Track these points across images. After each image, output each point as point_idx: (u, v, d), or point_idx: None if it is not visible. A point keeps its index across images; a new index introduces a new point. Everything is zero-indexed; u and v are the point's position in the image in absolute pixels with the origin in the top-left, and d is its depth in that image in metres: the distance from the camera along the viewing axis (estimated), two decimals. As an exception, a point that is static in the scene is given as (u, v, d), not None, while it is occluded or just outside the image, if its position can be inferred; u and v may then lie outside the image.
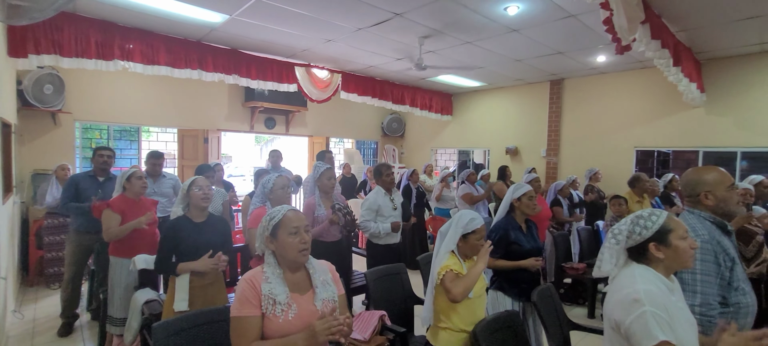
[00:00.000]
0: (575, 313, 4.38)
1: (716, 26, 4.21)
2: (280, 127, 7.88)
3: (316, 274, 1.54)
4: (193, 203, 2.39)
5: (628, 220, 1.43)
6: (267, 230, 1.49)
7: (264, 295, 1.41)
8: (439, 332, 2.04)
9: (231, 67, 5.21)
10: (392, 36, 4.79)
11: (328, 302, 1.51)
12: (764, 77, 5.01)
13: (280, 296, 1.41)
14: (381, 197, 3.53)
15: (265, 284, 1.43)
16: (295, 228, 1.47)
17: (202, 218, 2.42)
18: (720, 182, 1.76)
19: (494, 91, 7.91)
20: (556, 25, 4.30)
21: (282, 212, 1.50)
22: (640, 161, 6.31)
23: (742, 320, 1.72)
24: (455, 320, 1.99)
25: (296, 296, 1.46)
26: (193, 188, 2.38)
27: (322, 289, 1.52)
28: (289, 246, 1.46)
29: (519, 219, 2.63)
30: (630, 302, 1.28)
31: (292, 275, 1.50)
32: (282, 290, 1.43)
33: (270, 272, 1.46)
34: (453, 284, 1.92)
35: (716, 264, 1.67)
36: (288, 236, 1.46)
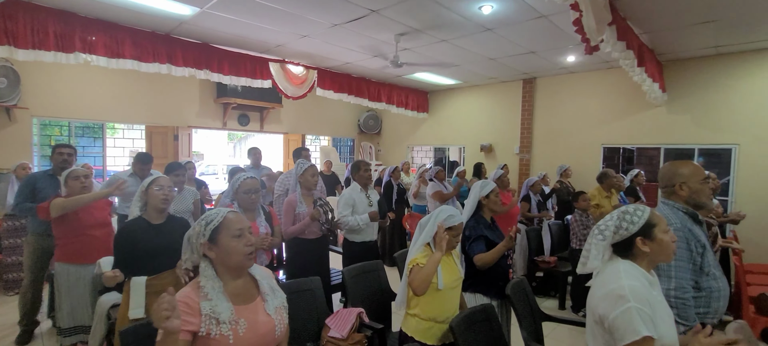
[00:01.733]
0: (547, 305, 4.52)
1: (676, 29, 4.43)
2: (254, 124, 7.71)
3: (263, 280, 1.41)
4: (151, 204, 2.23)
5: (615, 216, 1.46)
6: (203, 235, 1.32)
7: (204, 315, 1.23)
8: (408, 319, 2.11)
9: (202, 62, 5.05)
10: (368, 33, 4.78)
11: (280, 309, 1.40)
12: (719, 79, 5.32)
13: (224, 314, 1.24)
14: (356, 193, 3.54)
15: (204, 302, 1.24)
16: (239, 230, 1.33)
17: (160, 220, 2.27)
18: (694, 174, 1.86)
19: (469, 89, 8.03)
20: (529, 25, 4.41)
21: (221, 214, 1.35)
22: (607, 158, 6.57)
23: (715, 303, 1.80)
24: (423, 308, 2.05)
25: (241, 309, 1.31)
26: (152, 186, 2.22)
27: (272, 296, 1.40)
28: (233, 250, 1.31)
29: (486, 216, 2.66)
30: (615, 297, 1.31)
31: (233, 285, 1.33)
32: (225, 306, 1.26)
33: (209, 286, 1.27)
34: (415, 275, 1.99)
35: (689, 251, 1.76)
36: (231, 240, 1.31)
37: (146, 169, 3.78)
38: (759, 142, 5.08)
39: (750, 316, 3.20)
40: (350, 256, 3.48)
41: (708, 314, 1.77)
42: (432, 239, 2.09)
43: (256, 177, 2.74)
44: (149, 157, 3.86)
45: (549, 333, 3.60)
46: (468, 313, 2.12)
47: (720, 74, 5.31)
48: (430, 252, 2.08)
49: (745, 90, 5.15)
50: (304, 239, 3.13)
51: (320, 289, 2.59)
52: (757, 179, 5.10)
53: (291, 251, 3.22)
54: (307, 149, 4.62)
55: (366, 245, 3.56)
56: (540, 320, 2.70)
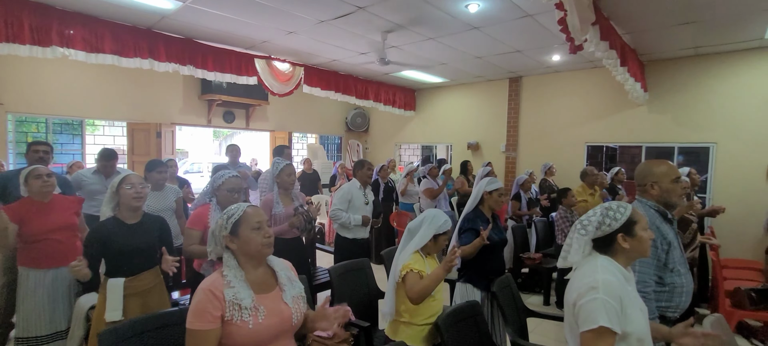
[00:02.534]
0: (532, 301, 4.58)
1: (657, 30, 4.53)
2: (239, 121, 7.61)
3: (281, 272, 1.51)
4: (123, 203, 2.15)
5: (598, 212, 1.48)
6: (225, 228, 1.42)
7: (228, 301, 1.33)
8: (400, 327, 2.07)
9: (185, 58, 4.95)
10: (355, 30, 4.75)
11: (297, 299, 1.49)
12: (698, 79, 5.46)
13: (246, 301, 1.34)
14: (356, 189, 3.60)
15: (228, 289, 1.35)
16: (258, 223, 1.43)
17: (134, 219, 2.20)
18: (666, 174, 1.91)
19: (456, 88, 8.07)
20: (515, 24, 4.44)
21: (241, 208, 1.45)
22: (591, 156, 6.69)
23: (677, 299, 1.87)
24: (415, 317, 2.03)
25: (262, 297, 1.41)
26: (123, 185, 2.14)
27: (289, 286, 1.49)
28: (252, 241, 1.41)
29: (486, 212, 2.69)
30: (588, 288, 1.35)
31: (254, 274, 1.44)
32: (246, 293, 1.37)
33: (232, 275, 1.38)
34: (414, 285, 1.95)
35: (654, 247, 1.81)
36: (251, 232, 1.41)
37: (111, 166, 3.63)
38: (735, 140, 5.23)
39: (726, 309, 3.30)
40: (342, 251, 3.51)
41: (669, 308, 1.83)
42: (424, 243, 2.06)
43: (240, 176, 2.70)
44: (113, 153, 3.68)
45: (534, 329, 3.65)
46: (454, 310, 2.13)
47: (699, 75, 5.45)
48: (419, 258, 2.05)
49: (723, 90, 5.29)
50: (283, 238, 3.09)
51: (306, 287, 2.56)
52: (733, 176, 5.26)
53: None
54: (288, 147, 4.56)
55: (357, 242, 3.59)
56: (525, 316, 2.73)
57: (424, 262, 2.05)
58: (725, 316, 3.26)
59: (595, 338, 1.30)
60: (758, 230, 4.70)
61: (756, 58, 5.05)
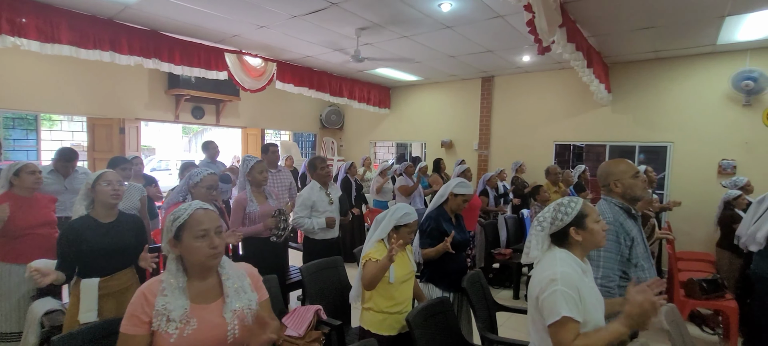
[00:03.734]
0: (503, 295, 4.70)
1: (620, 34, 4.73)
2: (209, 117, 7.38)
3: (229, 281, 1.35)
4: (99, 200, 2.10)
5: (551, 208, 1.56)
6: (170, 231, 1.29)
7: (156, 310, 1.22)
8: (363, 313, 2.18)
9: (150, 50, 4.74)
10: (329, 26, 4.70)
11: (240, 312, 1.33)
12: (657, 81, 5.75)
13: (175, 312, 1.23)
14: (316, 192, 3.41)
15: (160, 297, 1.24)
16: (204, 230, 1.28)
17: (110, 218, 2.14)
18: (626, 172, 2.01)
19: (430, 86, 8.14)
20: (486, 24, 4.53)
21: (189, 210, 1.31)
22: (559, 154, 6.92)
23: None
24: (377, 301, 2.12)
25: (199, 308, 1.28)
26: (100, 182, 2.09)
27: (234, 298, 1.33)
28: (195, 251, 1.27)
29: (449, 212, 2.71)
30: (548, 281, 1.42)
31: (199, 283, 1.32)
32: (179, 303, 1.24)
33: (168, 282, 1.27)
34: (367, 272, 2.04)
35: (617, 243, 1.90)
36: (194, 240, 1.27)
37: (70, 166, 3.48)
38: (690, 140, 5.55)
39: (680, 299, 3.49)
40: (311, 253, 3.40)
41: None
42: (386, 235, 2.13)
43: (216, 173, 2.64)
44: (73, 153, 3.52)
45: (504, 322, 3.75)
46: (424, 306, 2.16)
47: (658, 77, 5.74)
48: (383, 247, 2.12)
49: (679, 92, 5.60)
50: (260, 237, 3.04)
51: (276, 287, 2.53)
52: (688, 174, 5.57)
53: (246, 249, 3.12)
54: (275, 145, 4.41)
55: (327, 242, 3.47)
56: (494, 310, 2.80)
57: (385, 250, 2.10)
58: (679, 305, 3.46)
59: (560, 328, 1.37)
60: (710, 224, 4.99)
61: (709, 62, 5.37)
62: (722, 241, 4.02)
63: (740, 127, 5.19)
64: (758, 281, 3.23)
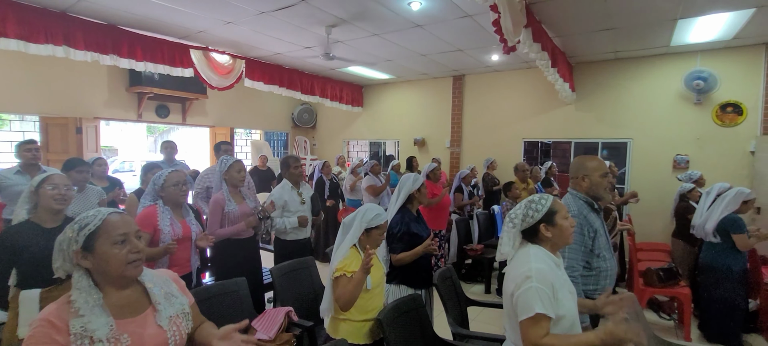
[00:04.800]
0: (475, 290, 4.79)
1: (582, 35, 4.91)
2: (175, 116, 7.11)
3: (155, 288, 1.23)
4: (43, 205, 1.98)
5: (522, 205, 1.58)
6: (76, 242, 1.12)
7: (74, 334, 1.04)
8: (339, 324, 2.05)
9: (108, 46, 4.51)
10: (298, 23, 4.63)
11: (177, 318, 1.24)
12: (618, 81, 6.01)
13: (100, 331, 1.07)
14: (287, 191, 3.37)
15: (75, 319, 1.06)
16: (122, 235, 1.14)
17: (55, 223, 2.01)
18: (597, 169, 2.09)
19: (403, 84, 8.18)
20: (455, 24, 4.59)
21: (99, 216, 1.15)
22: (527, 151, 7.12)
23: (603, 281, 2.05)
24: (354, 312, 2.01)
25: (126, 323, 1.14)
26: (45, 185, 1.97)
27: (166, 304, 1.23)
28: (113, 259, 1.13)
29: (413, 210, 2.69)
30: (523, 278, 1.44)
31: (117, 296, 1.16)
32: (101, 321, 1.08)
33: (81, 300, 1.09)
34: (343, 292, 1.92)
35: (581, 235, 1.98)
36: (112, 247, 1.12)
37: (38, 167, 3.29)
38: (648, 137, 5.84)
39: (639, 288, 3.68)
40: (282, 254, 3.35)
41: (596, 290, 2.01)
42: (357, 240, 2.06)
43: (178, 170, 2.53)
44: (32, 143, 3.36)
45: (475, 317, 3.82)
46: (395, 305, 2.16)
47: (618, 76, 6.01)
48: (356, 254, 2.04)
49: (638, 91, 5.88)
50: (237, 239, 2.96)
51: (246, 289, 2.47)
52: (646, 169, 5.87)
53: (218, 251, 3.03)
54: (228, 143, 4.32)
55: (299, 243, 3.44)
56: (465, 305, 2.84)
57: (360, 258, 2.03)
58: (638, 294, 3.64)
59: (533, 324, 1.39)
60: (667, 215, 5.29)
61: (664, 63, 5.67)
62: (677, 231, 4.27)
63: (693, 124, 5.52)
64: (706, 268, 3.45)
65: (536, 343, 1.39)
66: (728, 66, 5.25)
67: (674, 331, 3.73)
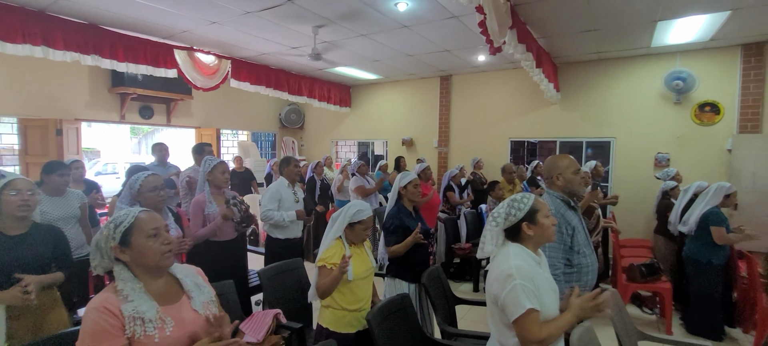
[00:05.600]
0: (463, 288, 4.83)
1: (566, 36, 5.00)
2: (159, 117, 6.99)
3: (186, 278, 1.38)
4: (5, 212, 1.90)
5: (505, 204, 1.60)
6: (113, 239, 1.25)
7: (128, 316, 1.18)
8: (323, 311, 2.18)
9: (89, 46, 4.41)
10: (285, 23, 4.60)
11: (208, 305, 1.38)
12: (601, 80, 6.13)
13: (149, 313, 1.21)
14: (284, 188, 3.49)
15: (126, 304, 1.20)
16: (154, 229, 1.28)
17: (19, 230, 1.94)
18: (568, 167, 2.14)
19: (391, 85, 8.19)
20: (442, 25, 4.62)
21: (132, 213, 1.29)
22: (514, 150, 7.21)
23: (585, 277, 2.09)
24: (337, 299, 2.12)
25: (167, 309, 1.27)
26: (7, 191, 1.89)
27: (197, 293, 1.37)
28: (149, 251, 1.26)
29: (408, 206, 2.77)
30: (505, 277, 1.46)
31: (155, 285, 1.30)
32: (149, 305, 1.22)
33: (128, 288, 1.23)
34: (321, 282, 2.06)
35: (560, 233, 2.02)
36: (147, 240, 1.26)
37: None
38: (631, 136, 5.98)
39: (622, 284, 3.76)
40: (273, 253, 3.40)
41: (579, 286, 2.04)
42: (343, 232, 2.15)
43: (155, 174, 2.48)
44: None
45: (463, 315, 3.86)
46: (384, 304, 2.18)
47: (601, 77, 6.13)
48: (340, 246, 2.13)
49: (620, 91, 6.01)
50: (216, 241, 2.93)
51: (233, 293, 2.45)
52: (629, 167, 6.00)
53: (202, 254, 2.99)
54: (209, 145, 4.30)
55: (290, 242, 3.50)
56: (454, 303, 2.87)
57: (343, 250, 2.12)
58: (622, 289, 3.72)
59: (526, 320, 1.42)
60: (649, 212, 5.42)
61: (645, 63, 5.81)
62: (659, 228, 4.37)
63: (673, 123, 5.66)
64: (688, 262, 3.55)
65: (536, 335, 1.41)
66: (706, 66, 5.41)
67: (656, 325, 3.83)
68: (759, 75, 5.11)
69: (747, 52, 5.16)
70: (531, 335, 1.42)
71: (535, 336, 1.41)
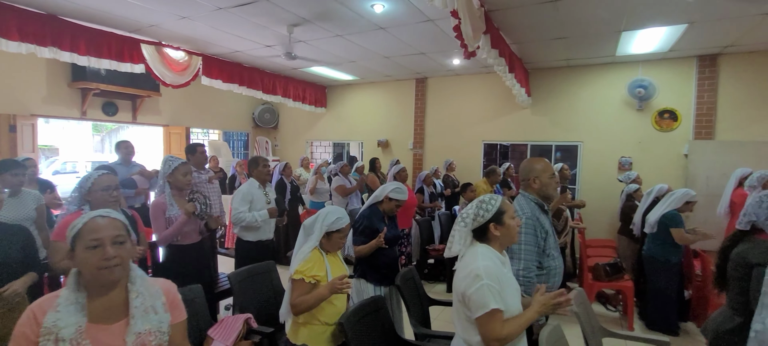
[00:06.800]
0: (437, 289, 4.88)
1: (537, 42, 5.15)
2: (124, 114, 6.68)
3: (137, 299, 1.22)
4: None
5: (474, 205, 1.64)
6: (69, 241, 1.19)
7: (45, 327, 1.09)
8: (300, 329, 2.02)
9: (47, 38, 4.16)
10: (258, 20, 4.50)
11: (145, 335, 1.20)
12: (569, 87, 6.36)
13: (65, 330, 1.09)
14: (255, 189, 3.41)
15: (51, 313, 1.11)
16: (95, 240, 1.16)
17: None
18: (544, 170, 2.20)
19: (366, 86, 8.18)
20: (418, 28, 4.66)
21: (86, 217, 1.20)
22: (487, 153, 7.36)
23: (552, 279, 2.16)
24: (316, 314, 2.00)
25: (97, 328, 1.15)
26: None
27: (141, 319, 1.21)
28: (85, 264, 1.16)
29: (383, 212, 2.78)
30: (472, 277, 1.49)
31: (101, 301, 1.18)
32: (72, 320, 1.11)
33: (64, 297, 1.14)
34: (299, 298, 1.92)
35: (535, 236, 2.07)
36: (84, 251, 1.15)
37: None
38: (597, 140, 6.23)
39: (588, 283, 3.91)
40: (244, 256, 3.31)
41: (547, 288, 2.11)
42: (318, 242, 2.05)
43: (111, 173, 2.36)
44: None
45: (437, 316, 3.89)
46: (357, 307, 2.16)
47: (570, 83, 6.36)
48: (319, 257, 2.03)
49: (587, 97, 6.25)
50: (180, 245, 2.81)
51: (201, 297, 2.36)
52: (595, 170, 6.25)
53: (166, 259, 2.88)
54: (201, 145, 4.18)
55: (262, 244, 3.43)
56: (427, 304, 2.89)
57: (323, 261, 2.03)
58: (587, 288, 3.87)
59: (489, 318, 1.47)
60: (613, 213, 5.66)
61: (610, 71, 6.07)
62: (622, 228, 4.58)
63: (635, 128, 5.94)
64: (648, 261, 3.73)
65: (499, 333, 1.47)
66: (665, 76, 5.71)
67: (619, 322, 4.00)
68: (712, 85, 5.45)
69: (702, 63, 5.50)
70: (493, 333, 1.47)
71: (496, 334, 1.47)
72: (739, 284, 1.84)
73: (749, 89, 5.30)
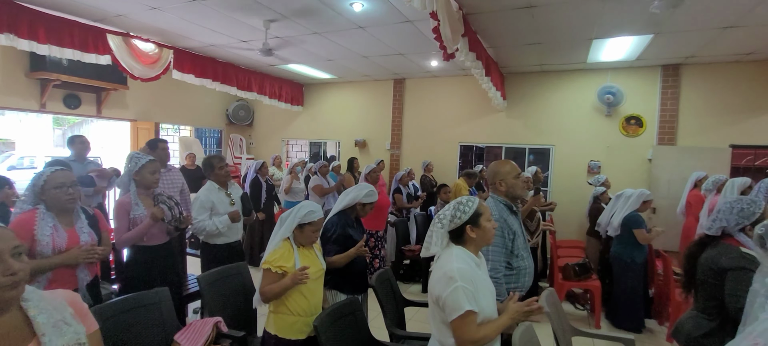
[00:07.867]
0: (413, 290, 4.90)
1: (512, 47, 5.26)
2: (88, 107, 6.35)
3: (41, 315, 1.05)
4: None
5: (451, 206, 1.64)
6: None
7: None
8: (272, 317, 2.08)
9: (2, 23, 3.89)
10: (234, 14, 4.38)
11: None
12: (542, 91, 6.53)
13: None
14: (214, 192, 3.19)
15: None
16: None
17: None
18: (510, 172, 2.23)
19: (344, 85, 8.13)
20: (397, 28, 4.66)
21: None
22: (463, 154, 7.45)
23: (522, 279, 2.20)
24: (288, 305, 2.03)
25: None
26: None
27: (55, 335, 1.05)
28: None
29: (352, 215, 2.71)
30: (447, 279, 1.50)
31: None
32: None
33: None
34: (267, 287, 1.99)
35: (502, 238, 2.11)
36: None
37: None
38: (567, 143, 6.42)
39: (558, 282, 4.02)
40: (212, 260, 3.15)
41: (517, 287, 2.16)
42: (291, 233, 2.07)
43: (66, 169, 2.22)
44: None
45: (412, 316, 3.90)
46: (332, 309, 2.13)
47: (543, 87, 6.53)
48: (289, 248, 2.05)
49: (559, 102, 6.44)
50: (145, 246, 2.67)
51: (168, 300, 2.27)
52: (566, 172, 6.45)
53: (130, 261, 2.74)
54: (164, 141, 3.94)
55: (229, 247, 3.26)
56: (402, 306, 2.89)
57: (292, 253, 2.04)
58: (557, 288, 3.97)
59: (463, 321, 1.47)
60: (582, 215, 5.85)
61: (581, 77, 6.28)
62: (591, 229, 4.73)
63: (604, 133, 6.17)
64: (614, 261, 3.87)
65: (473, 336, 1.48)
66: (632, 83, 5.96)
67: (587, 320, 4.13)
68: (675, 93, 5.73)
69: (666, 72, 5.77)
70: (467, 335, 1.48)
71: (470, 336, 1.48)
72: (710, 288, 1.86)
73: (707, 98, 5.62)
